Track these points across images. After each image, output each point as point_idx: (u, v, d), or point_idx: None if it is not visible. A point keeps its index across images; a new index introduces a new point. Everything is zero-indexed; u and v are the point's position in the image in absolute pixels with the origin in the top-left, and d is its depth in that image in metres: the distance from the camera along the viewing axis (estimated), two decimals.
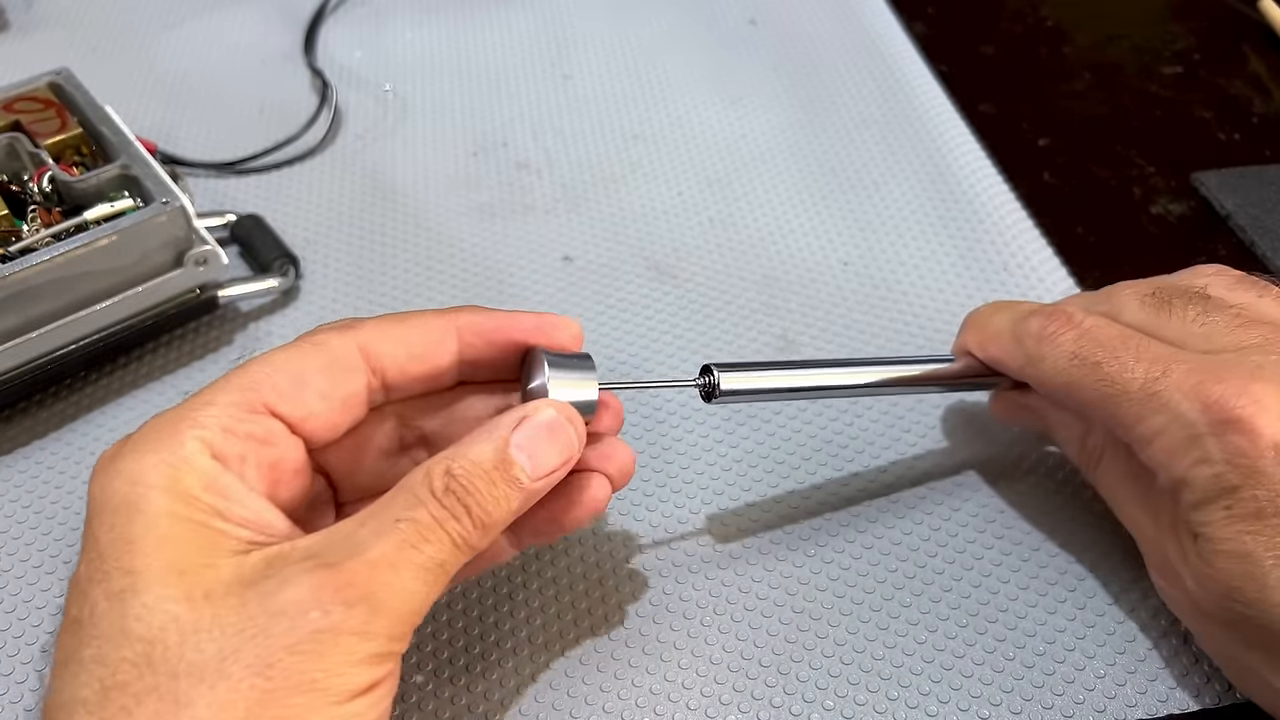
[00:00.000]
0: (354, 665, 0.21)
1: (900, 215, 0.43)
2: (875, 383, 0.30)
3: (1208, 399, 0.24)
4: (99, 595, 0.21)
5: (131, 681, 0.20)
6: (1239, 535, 0.24)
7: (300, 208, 0.43)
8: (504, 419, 0.24)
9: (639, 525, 0.32)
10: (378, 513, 0.22)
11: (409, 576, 0.21)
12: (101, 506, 0.22)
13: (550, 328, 0.27)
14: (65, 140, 0.37)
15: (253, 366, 0.24)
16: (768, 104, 0.48)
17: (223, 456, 0.23)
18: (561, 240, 0.42)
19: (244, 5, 0.55)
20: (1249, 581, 0.24)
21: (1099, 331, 0.27)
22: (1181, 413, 0.25)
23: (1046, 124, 0.48)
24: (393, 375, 0.26)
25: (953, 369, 0.31)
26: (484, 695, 0.28)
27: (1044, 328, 0.28)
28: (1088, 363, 0.27)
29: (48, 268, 0.32)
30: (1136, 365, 0.26)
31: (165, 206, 0.34)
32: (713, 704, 0.28)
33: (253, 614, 0.20)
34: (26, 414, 0.35)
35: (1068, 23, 0.54)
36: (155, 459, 0.22)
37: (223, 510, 0.22)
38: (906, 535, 0.32)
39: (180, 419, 0.23)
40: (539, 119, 0.48)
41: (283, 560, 0.21)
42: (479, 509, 0.23)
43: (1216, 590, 0.25)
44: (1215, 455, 0.24)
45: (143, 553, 0.21)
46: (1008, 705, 0.28)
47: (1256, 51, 0.52)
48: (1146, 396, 0.25)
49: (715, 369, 0.28)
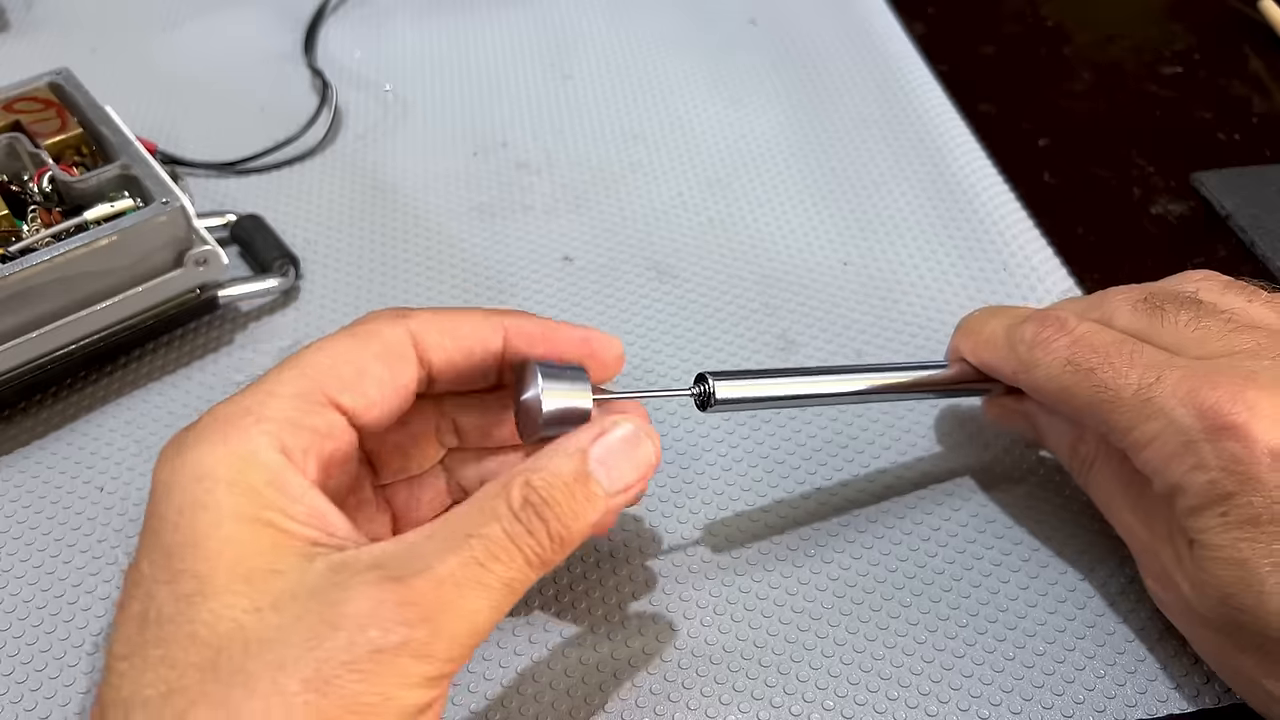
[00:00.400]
0: (409, 687, 0.20)
1: (900, 215, 0.43)
2: (869, 390, 0.30)
3: (1202, 405, 0.24)
4: (166, 596, 0.21)
5: (192, 686, 0.20)
6: (1235, 542, 0.24)
7: (300, 208, 0.43)
8: (582, 433, 0.24)
9: (639, 526, 0.32)
10: (449, 525, 0.22)
11: (475, 596, 0.21)
12: (166, 500, 0.22)
13: (597, 343, 0.27)
14: (65, 140, 0.37)
15: (312, 356, 0.24)
16: (768, 104, 0.48)
17: (287, 451, 0.22)
18: (561, 240, 0.42)
19: (244, 5, 0.55)
20: (1244, 588, 0.24)
21: (1093, 337, 0.27)
22: (1176, 419, 0.25)
23: (1046, 124, 0.48)
24: (440, 367, 0.26)
25: (946, 375, 0.31)
26: (484, 696, 0.28)
27: (1037, 334, 0.28)
28: (1081, 369, 0.27)
29: (48, 268, 0.32)
30: (1130, 371, 0.26)
31: (165, 207, 0.34)
32: (713, 704, 0.28)
33: (314, 626, 0.20)
34: (27, 414, 0.35)
35: (1068, 23, 0.54)
36: (223, 451, 0.22)
37: (287, 509, 0.22)
38: (906, 535, 0.32)
39: (245, 411, 0.23)
40: (539, 119, 0.48)
41: (347, 569, 0.21)
42: (557, 523, 0.22)
43: (1212, 596, 0.25)
44: (1210, 461, 0.24)
45: (209, 555, 0.21)
46: (1007, 705, 0.28)
47: (1256, 51, 0.52)
48: (1141, 403, 0.25)
49: (710, 378, 0.28)
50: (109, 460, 0.34)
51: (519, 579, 0.22)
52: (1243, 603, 0.24)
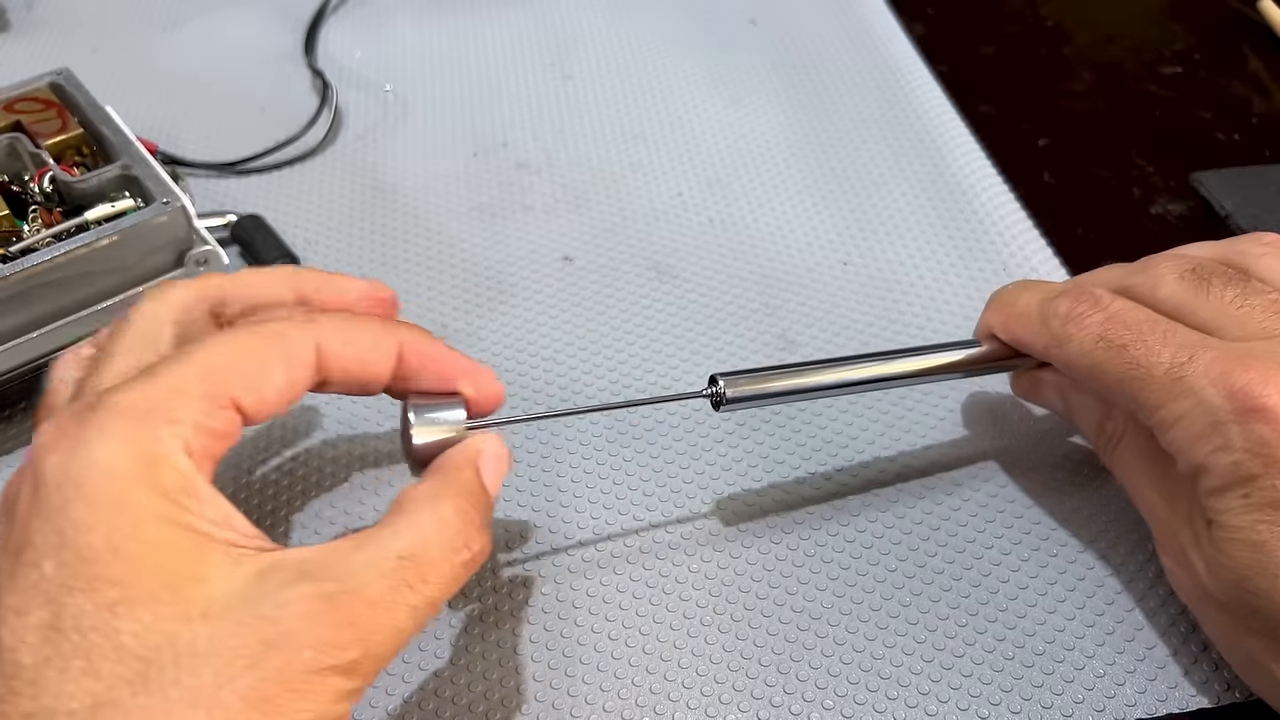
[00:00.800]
0: (336, 702, 0.21)
1: (900, 215, 0.43)
2: (887, 376, 0.30)
3: (1233, 387, 0.24)
4: (84, 603, 0.20)
5: (124, 700, 0.19)
6: (1254, 524, 0.24)
7: (301, 208, 0.44)
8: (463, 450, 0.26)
9: (639, 525, 0.32)
10: (379, 542, 0.22)
11: (404, 616, 0.22)
12: (73, 496, 0.20)
13: (477, 378, 0.27)
14: (66, 140, 0.37)
15: (217, 351, 0.23)
16: (768, 104, 0.48)
17: (192, 453, 0.22)
18: (562, 240, 0.42)
19: (244, 6, 0.55)
20: (1260, 570, 0.24)
21: (1127, 314, 0.27)
22: (1205, 399, 0.25)
23: (1046, 124, 0.48)
24: (335, 374, 0.25)
25: (974, 355, 0.31)
26: (484, 695, 0.28)
27: (1071, 309, 0.28)
28: (1114, 345, 0.27)
29: (49, 268, 0.32)
30: (1163, 350, 0.26)
31: (166, 207, 0.34)
32: (713, 703, 0.28)
33: (250, 642, 0.20)
34: (28, 415, 0.35)
35: (1067, 23, 0.54)
36: (132, 451, 0.21)
37: (203, 512, 0.21)
38: (906, 535, 0.32)
39: (151, 408, 0.21)
40: (539, 119, 0.48)
41: (275, 576, 0.21)
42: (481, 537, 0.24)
43: (1227, 578, 0.25)
44: (1237, 443, 0.24)
45: (130, 559, 0.20)
46: (1007, 705, 0.28)
47: (1256, 52, 0.52)
48: (1171, 381, 0.25)
49: (721, 379, 0.28)
50: None
51: (444, 596, 0.23)
52: (1257, 586, 0.24)
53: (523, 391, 0.36)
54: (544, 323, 0.39)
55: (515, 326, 0.38)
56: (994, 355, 0.31)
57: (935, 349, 0.31)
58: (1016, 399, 0.35)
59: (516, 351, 0.38)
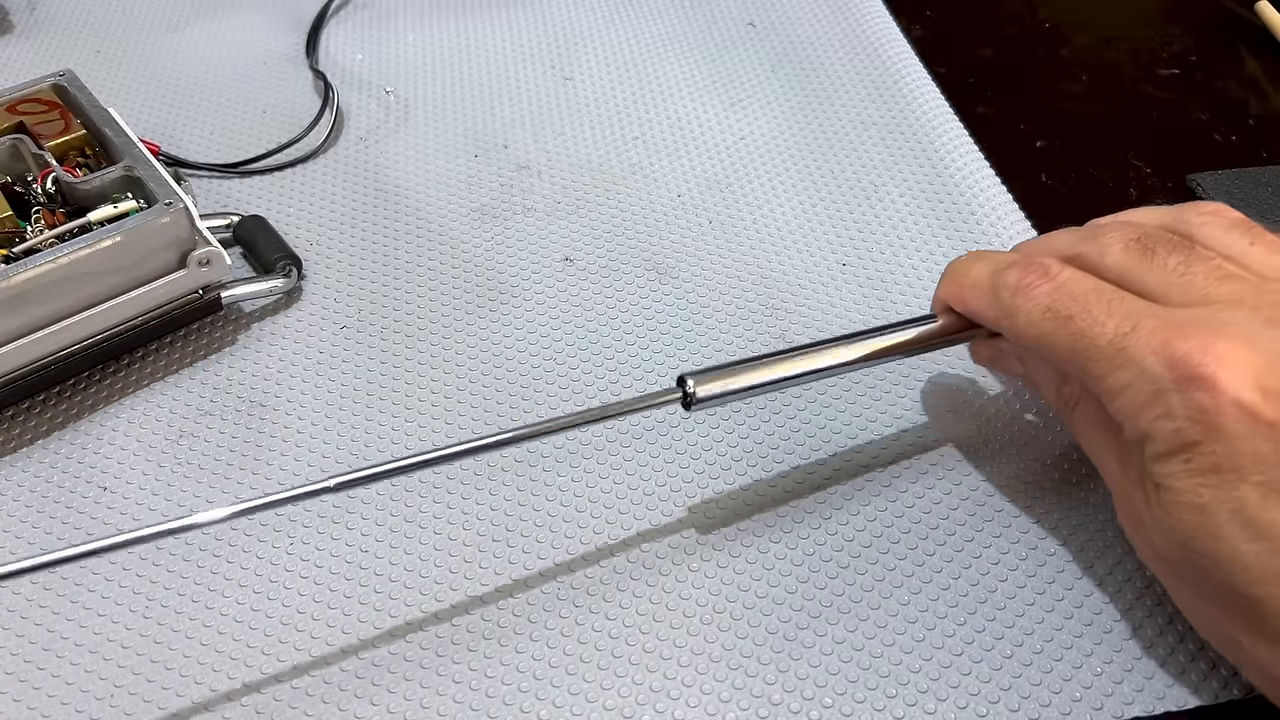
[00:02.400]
0: None
1: (898, 217, 0.43)
2: (855, 360, 0.30)
3: (1173, 355, 0.25)
4: None
5: None
6: (1196, 488, 0.24)
7: (303, 209, 0.44)
8: None
9: (636, 525, 0.32)
10: None
11: None
12: None
13: None
14: (69, 142, 0.37)
15: None
16: (767, 106, 0.49)
17: None
18: (562, 241, 0.42)
19: (246, 8, 0.55)
20: (1203, 532, 0.25)
21: (1073, 285, 0.28)
22: (1147, 368, 0.25)
23: (1044, 126, 0.48)
24: None
25: (929, 330, 0.32)
26: (485, 694, 0.28)
27: (1020, 279, 0.29)
28: (1060, 316, 0.27)
29: (52, 269, 0.33)
30: (1108, 320, 0.26)
31: (169, 208, 0.34)
32: (712, 701, 0.28)
33: None
34: (30, 414, 0.36)
35: (1065, 25, 0.54)
36: None
37: None
38: (905, 534, 0.32)
39: None
40: (540, 121, 0.48)
41: None
42: None
43: (1176, 539, 0.25)
44: (1178, 411, 0.25)
45: None
46: (1005, 703, 0.28)
47: (1253, 53, 0.52)
48: (1115, 351, 0.26)
49: (690, 378, 0.29)
50: (111, 460, 0.34)
51: None
52: (1203, 548, 0.25)
53: (523, 391, 0.36)
54: (544, 323, 0.39)
55: (515, 326, 0.39)
56: (952, 328, 0.32)
57: (895, 326, 0.32)
58: (1011, 394, 0.35)
59: (517, 352, 0.38)
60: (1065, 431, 0.35)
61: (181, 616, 0.30)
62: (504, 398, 0.36)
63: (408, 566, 0.31)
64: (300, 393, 0.36)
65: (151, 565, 0.31)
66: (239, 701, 0.28)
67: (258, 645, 0.29)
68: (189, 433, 0.35)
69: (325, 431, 0.35)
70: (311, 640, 0.30)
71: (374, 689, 0.28)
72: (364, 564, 0.31)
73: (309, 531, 0.32)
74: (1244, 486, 0.24)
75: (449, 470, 0.34)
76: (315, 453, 0.34)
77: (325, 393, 0.36)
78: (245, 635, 0.30)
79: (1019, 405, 0.35)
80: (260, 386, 0.37)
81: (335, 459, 0.34)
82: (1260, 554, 0.24)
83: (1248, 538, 0.24)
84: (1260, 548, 0.24)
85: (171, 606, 0.30)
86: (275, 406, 0.36)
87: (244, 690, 0.29)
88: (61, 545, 0.32)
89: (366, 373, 0.37)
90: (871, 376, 0.36)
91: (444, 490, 0.33)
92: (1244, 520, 0.24)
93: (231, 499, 0.33)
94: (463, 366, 0.37)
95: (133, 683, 0.29)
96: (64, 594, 0.31)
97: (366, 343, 0.38)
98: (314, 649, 0.29)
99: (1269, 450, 0.24)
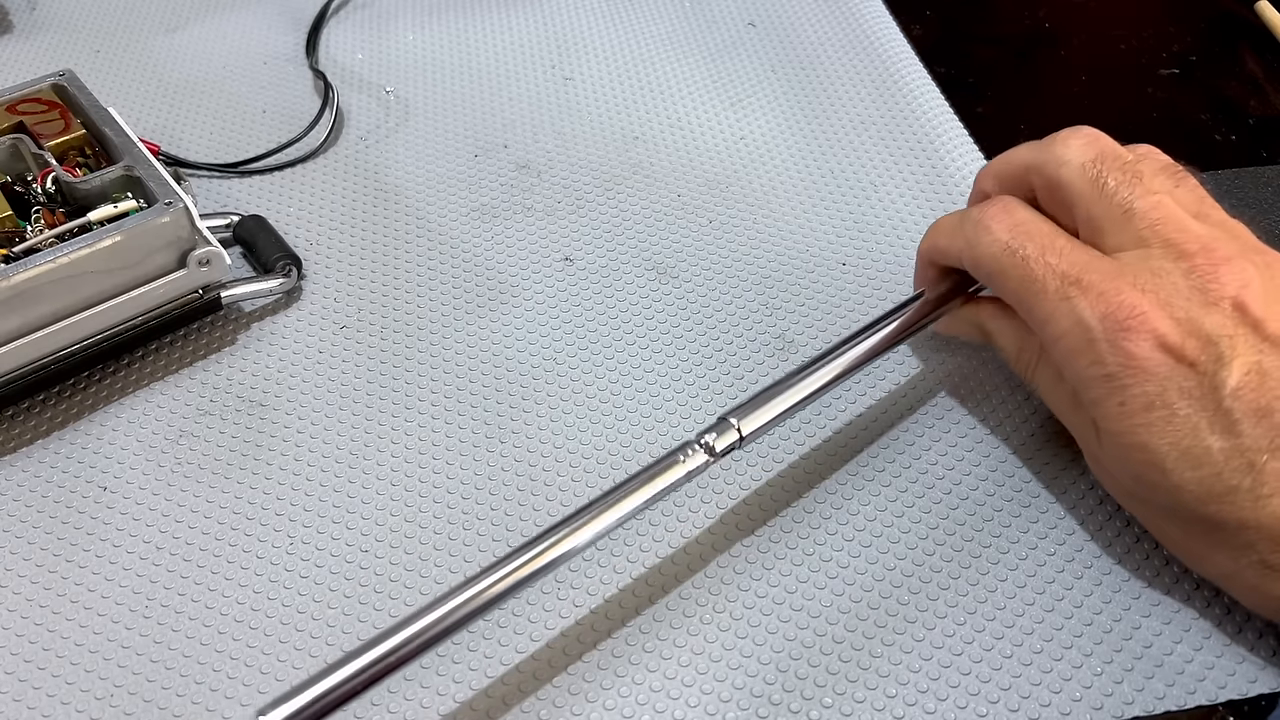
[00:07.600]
0: None
1: (898, 217, 0.43)
2: (860, 359, 0.32)
3: (1106, 308, 0.27)
4: None
5: None
6: (1134, 428, 0.27)
7: (303, 209, 0.44)
8: None
9: (636, 524, 0.32)
10: None
11: None
12: None
13: None
14: (69, 141, 0.37)
15: None
16: (767, 106, 0.49)
17: None
18: (562, 241, 0.42)
19: (246, 7, 0.55)
20: (1149, 467, 0.27)
21: (1030, 225, 0.30)
22: (1083, 318, 0.27)
23: (1044, 126, 0.47)
24: None
25: (920, 307, 0.33)
26: (485, 693, 0.28)
27: (981, 213, 0.31)
28: (1016, 255, 0.29)
29: (52, 268, 0.33)
30: (1058, 265, 0.28)
31: (168, 207, 0.34)
32: (712, 700, 0.28)
33: None
34: (30, 414, 0.36)
35: (1065, 25, 0.54)
36: None
37: None
38: (905, 534, 0.32)
39: None
40: (540, 121, 0.48)
41: None
42: None
43: (1128, 475, 0.28)
44: (1109, 358, 0.27)
45: None
46: (1004, 703, 0.28)
47: (1253, 53, 0.52)
48: (1060, 300, 0.28)
49: (733, 418, 0.30)
50: (111, 460, 0.34)
51: None
52: (1152, 480, 0.27)
53: (523, 391, 0.36)
54: (544, 323, 0.39)
55: (515, 326, 0.39)
56: (936, 299, 0.33)
57: (888, 316, 0.33)
58: (1008, 390, 0.35)
59: (517, 352, 0.38)
60: (1063, 432, 0.35)
61: (181, 616, 0.30)
62: (504, 398, 0.36)
63: (408, 566, 0.31)
64: (300, 393, 0.36)
65: (151, 565, 0.31)
66: (239, 701, 0.28)
67: (258, 645, 0.30)
68: (189, 432, 0.35)
69: (325, 431, 0.35)
70: (311, 640, 0.30)
71: (373, 689, 0.28)
72: (364, 564, 0.31)
73: (309, 531, 0.32)
74: (1175, 421, 0.26)
75: (448, 471, 0.34)
76: (315, 453, 0.34)
77: (325, 393, 0.36)
78: (245, 635, 0.30)
79: (1016, 408, 0.35)
80: (260, 386, 0.37)
81: (335, 459, 0.34)
82: (1202, 479, 0.26)
83: (1188, 466, 0.26)
84: (1201, 474, 0.26)
85: (171, 606, 0.30)
86: (275, 406, 0.36)
87: (244, 690, 0.29)
88: (61, 544, 0.32)
89: (366, 373, 0.37)
90: (867, 375, 0.36)
91: (444, 490, 0.33)
92: (1181, 451, 0.26)
93: (231, 499, 0.33)
94: (463, 366, 0.37)
95: (133, 683, 0.29)
96: (64, 594, 0.31)
97: (366, 343, 0.38)
98: (314, 649, 0.29)
99: (1193, 386, 0.26)
